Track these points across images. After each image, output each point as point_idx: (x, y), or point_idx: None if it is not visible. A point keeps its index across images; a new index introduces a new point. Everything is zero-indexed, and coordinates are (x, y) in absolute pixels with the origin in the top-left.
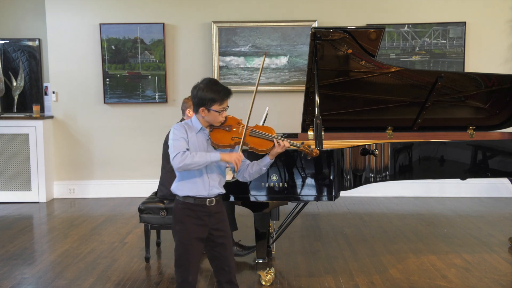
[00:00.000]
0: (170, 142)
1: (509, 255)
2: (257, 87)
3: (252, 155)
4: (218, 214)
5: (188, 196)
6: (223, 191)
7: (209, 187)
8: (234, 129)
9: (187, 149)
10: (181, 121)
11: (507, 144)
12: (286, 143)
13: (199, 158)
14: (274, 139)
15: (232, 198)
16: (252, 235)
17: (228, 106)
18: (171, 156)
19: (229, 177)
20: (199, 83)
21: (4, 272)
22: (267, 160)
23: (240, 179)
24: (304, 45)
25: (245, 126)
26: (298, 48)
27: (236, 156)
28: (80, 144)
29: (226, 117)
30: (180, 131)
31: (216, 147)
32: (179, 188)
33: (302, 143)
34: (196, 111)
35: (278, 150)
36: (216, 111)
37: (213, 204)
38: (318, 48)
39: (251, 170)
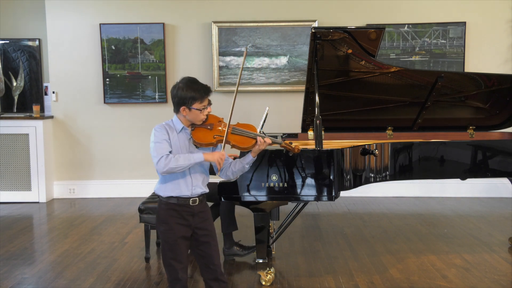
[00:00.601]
0: (151, 145)
1: (509, 255)
2: (238, 85)
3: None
4: (201, 213)
5: (171, 197)
6: (207, 190)
7: (192, 187)
8: (216, 128)
9: (170, 152)
10: None
11: (507, 144)
12: (268, 140)
13: (183, 161)
14: (257, 137)
15: (223, 199)
16: (252, 235)
17: (211, 103)
18: (154, 160)
19: None
20: (178, 82)
21: (4, 272)
22: (250, 158)
23: (223, 178)
24: (304, 45)
25: (227, 124)
26: (298, 48)
27: (219, 155)
28: (80, 144)
29: (207, 116)
30: (161, 133)
31: (198, 146)
32: (161, 189)
33: (284, 140)
34: (177, 110)
35: (260, 147)
36: (197, 109)
37: (197, 203)
38: (318, 48)
39: (234, 168)
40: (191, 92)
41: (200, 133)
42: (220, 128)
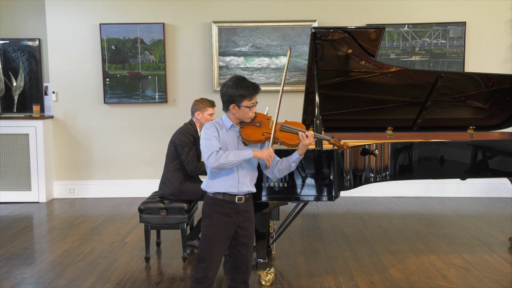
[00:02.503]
0: (202, 142)
1: (509, 255)
2: (283, 84)
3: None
4: (246, 212)
5: (217, 193)
6: (254, 189)
7: (238, 184)
8: (265, 125)
9: (220, 148)
10: (189, 122)
11: (507, 144)
12: (311, 134)
13: (233, 157)
14: (300, 132)
15: None
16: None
17: (257, 102)
18: (205, 156)
19: None
20: (227, 81)
21: (4, 272)
22: (296, 156)
23: (270, 176)
24: (304, 45)
25: (275, 121)
26: (298, 48)
27: (268, 152)
28: (80, 144)
29: (256, 114)
30: (211, 130)
31: (247, 143)
32: (209, 185)
33: (333, 137)
34: (226, 109)
35: (305, 142)
36: (246, 106)
37: (242, 201)
38: (318, 48)
39: (280, 166)
40: (241, 90)
41: (249, 130)
42: (268, 125)
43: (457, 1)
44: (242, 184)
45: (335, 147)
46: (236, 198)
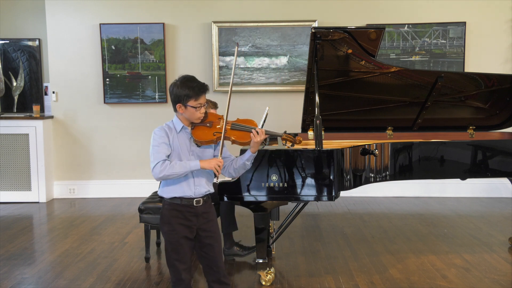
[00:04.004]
0: (150, 149)
1: (509, 255)
2: (232, 80)
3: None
4: (205, 214)
5: (174, 197)
6: (211, 190)
7: (194, 187)
8: (215, 125)
9: (168, 157)
10: None
11: (507, 144)
12: (261, 130)
13: (179, 168)
14: (252, 129)
15: (225, 199)
16: (252, 235)
17: (206, 103)
18: (151, 165)
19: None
20: (176, 80)
21: (4, 272)
22: (249, 154)
23: (226, 175)
24: (304, 45)
25: (224, 120)
26: (298, 48)
27: (216, 162)
28: (80, 144)
29: (207, 114)
30: (160, 136)
31: (198, 144)
32: (165, 191)
33: (285, 132)
34: (174, 108)
35: (256, 139)
36: (192, 107)
37: (201, 204)
38: (318, 48)
39: (235, 165)
40: (186, 90)
41: (199, 131)
42: (219, 125)
43: (457, 1)
44: (198, 186)
45: (288, 143)
46: (194, 201)
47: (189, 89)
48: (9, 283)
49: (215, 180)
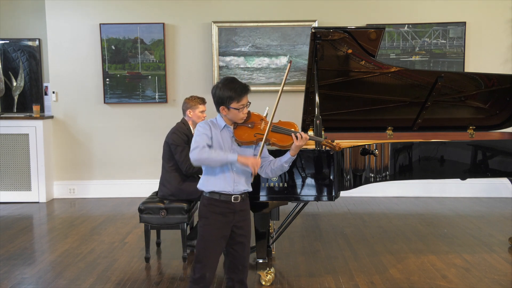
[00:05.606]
0: (193, 139)
1: (509, 255)
2: (282, 87)
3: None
4: (242, 212)
5: (213, 192)
6: (250, 188)
7: (233, 183)
8: (257, 126)
9: (208, 145)
10: (181, 121)
11: (507, 144)
12: (305, 135)
13: (216, 156)
14: (292, 133)
15: None
16: (252, 235)
17: (249, 103)
18: (190, 149)
19: None
20: (218, 82)
21: (4, 272)
22: (288, 157)
23: (263, 175)
24: (304, 45)
25: (269, 123)
26: (298, 48)
27: (253, 161)
28: (80, 144)
29: (250, 114)
30: (204, 128)
31: (239, 144)
32: (204, 184)
33: (325, 138)
34: (217, 109)
35: (297, 143)
36: (235, 108)
37: (238, 201)
38: (318, 48)
39: (273, 166)
40: (229, 92)
41: (241, 131)
42: (261, 126)
43: (457, 1)
44: (238, 183)
45: (327, 148)
46: (233, 198)
47: (231, 90)
48: (9, 283)
49: (251, 180)
